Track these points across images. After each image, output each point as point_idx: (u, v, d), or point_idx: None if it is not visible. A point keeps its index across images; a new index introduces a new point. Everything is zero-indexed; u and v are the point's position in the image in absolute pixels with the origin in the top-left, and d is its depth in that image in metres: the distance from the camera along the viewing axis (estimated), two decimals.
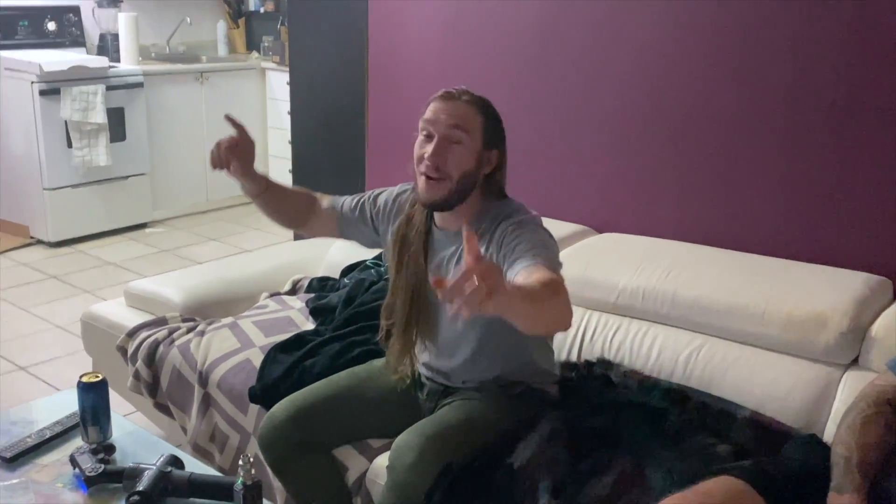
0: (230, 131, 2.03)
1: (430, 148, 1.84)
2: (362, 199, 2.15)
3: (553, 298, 1.53)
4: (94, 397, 1.96)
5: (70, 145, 5.09)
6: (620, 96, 2.74)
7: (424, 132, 1.88)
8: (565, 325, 1.59)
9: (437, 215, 1.98)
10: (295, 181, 4.48)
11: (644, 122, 2.70)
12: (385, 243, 2.09)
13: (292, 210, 2.17)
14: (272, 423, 2.01)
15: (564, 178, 2.94)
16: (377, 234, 2.12)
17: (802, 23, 2.33)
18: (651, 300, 2.30)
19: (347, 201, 2.17)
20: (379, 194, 2.15)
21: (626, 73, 2.71)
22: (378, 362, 2.16)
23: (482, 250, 1.88)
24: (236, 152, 2.03)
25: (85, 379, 1.96)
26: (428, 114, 1.87)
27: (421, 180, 1.88)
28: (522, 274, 1.66)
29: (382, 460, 2.04)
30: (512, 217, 1.87)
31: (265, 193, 2.11)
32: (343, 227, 2.16)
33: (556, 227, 2.68)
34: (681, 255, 2.44)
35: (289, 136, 4.59)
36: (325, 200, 2.19)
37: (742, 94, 2.48)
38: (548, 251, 1.78)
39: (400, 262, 2.00)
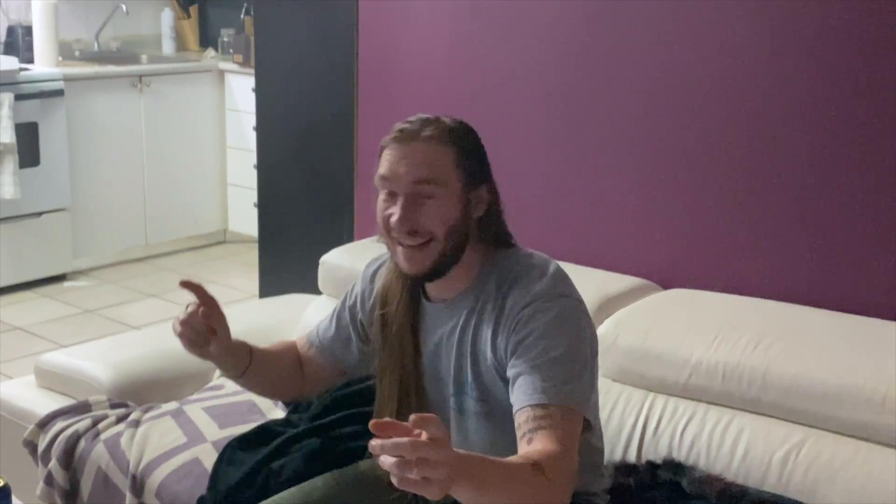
0: (179, 154, 2.06)
1: (396, 209, 1.86)
2: (335, 309, 2.20)
3: (527, 491, 1.61)
4: None
5: None
6: (692, 120, 2.77)
7: (385, 190, 1.89)
8: None
9: (427, 285, 1.99)
10: (262, 219, 4.51)
11: (723, 152, 2.72)
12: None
13: (283, 373, 2.21)
14: None
15: (620, 220, 2.95)
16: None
17: None
18: (734, 380, 2.28)
19: (322, 322, 2.22)
20: (352, 288, 2.19)
21: (699, 92, 2.74)
22: (369, 464, 2.15)
23: (487, 330, 1.88)
24: (211, 322, 2.07)
25: None
26: (383, 167, 1.88)
27: (398, 250, 1.90)
28: (518, 419, 1.75)
29: None
30: (524, 280, 1.87)
31: (251, 366, 2.13)
32: (334, 358, 2.18)
33: (610, 282, 2.76)
34: (772, 318, 2.44)
35: (254, 160, 4.63)
36: (301, 339, 2.24)
37: (850, 118, 2.50)
38: (566, 373, 1.77)
39: (384, 350, 2.01)
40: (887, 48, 2.43)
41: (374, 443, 1.40)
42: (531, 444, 1.73)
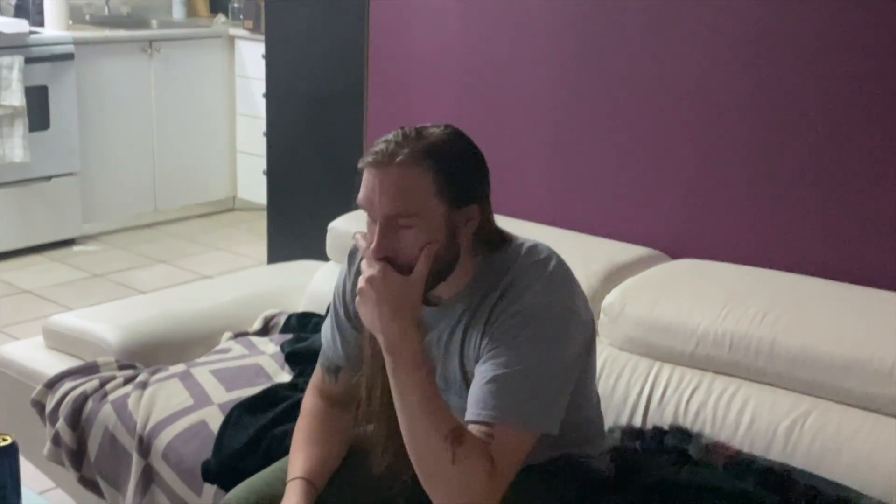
0: (188, 121, 2.03)
1: (374, 238, 1.81)
2: (332, 325, 2.10)
3: (434, 436, 1.72)
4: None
5: None
6: (702, 89, 2.75)
7: (365, 212, 1.85)
8: (421, 471, 1.76)
9: None
10: (271, 187, 4.50)
11: (734, 122, 2.71)
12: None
13: (341, 446, 2.10)
14: None
15: (629, 190, 2.95)
16: None
17: None
18: (741, 350, 2.28)
19: (327, 349, 2.11)
20: (336, 287, 2.11)
21: (712, 63, 2.73)
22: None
23: (477, 334, 1.87)
24: None
25: None
26: (361, 191, 1.82)
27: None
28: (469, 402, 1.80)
29: None
30: (517, 286, 1.85)
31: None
32: (360, 363, 2.05)
33: (618, 252, 2.75)
34: (781, 289, 2.43)
35: (264, 127, 4.61)
36: (318, 384, 2.13)
37: (859, 88, 2.49)
38: (526, 389, 1.78)
39: (374, 350, 1.89)
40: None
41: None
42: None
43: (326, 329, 2.11)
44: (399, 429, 1.81)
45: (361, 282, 1.79)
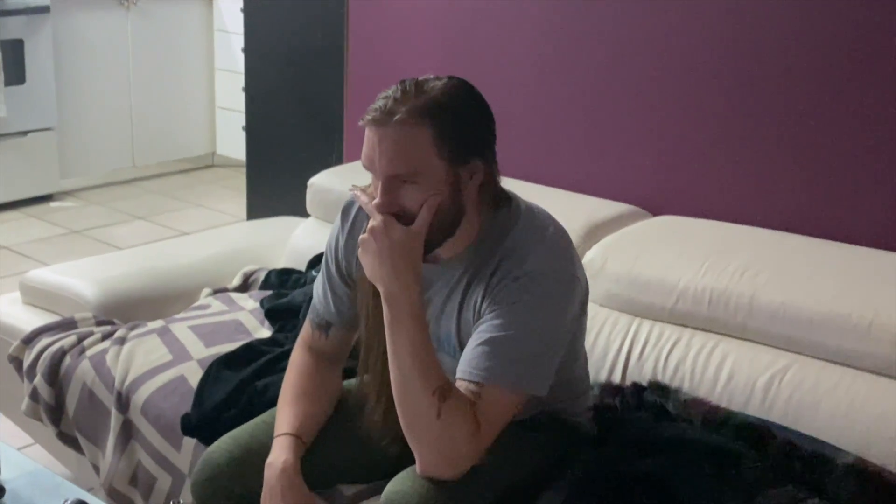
0: (166, 75, 2.00)
1: (378, 194, 1.81)
2: (324, 281, 2.08)
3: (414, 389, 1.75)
4: None
5: None
6: (682, 43, 2.74)
7: (367, 168, 1.84)
8: (406, 422, 1.80)
9: None
10: (250, 143, 4.48)
11: (714, 78, 2.70)
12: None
13: (331, 400, 2.10)
14: (209, 468, 2.00)
15: (610, 146, 2.94)
16: None
17: None
18: (721, 306, 2.29)
19: (318, 304, 2.10)
20: (329, 243, 2.09)
21: (690, 16, 2.71)
22: (353, 383, 2.15)
23: (478, 295, 1.87)
24: None
25: None
26: (364, 147, 1.82)
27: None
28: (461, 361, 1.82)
29: None
30: (520, 250, 1.85)
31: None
32: (353, 320, 2.06)
33: (599, 208, 2.75)
34: (761, 246, 2.44)
35: (243, 82, 4.58)
36: (308, 339, 2.11)
37: (840, 44, 2.48)
38: (519, 352, 1.79)
39: (377, 305, 1.87)
40: None
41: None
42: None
43: (318, 285, 2.11)
44: None
45: (364, 233, 1.80)
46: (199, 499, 2.02)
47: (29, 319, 2.81)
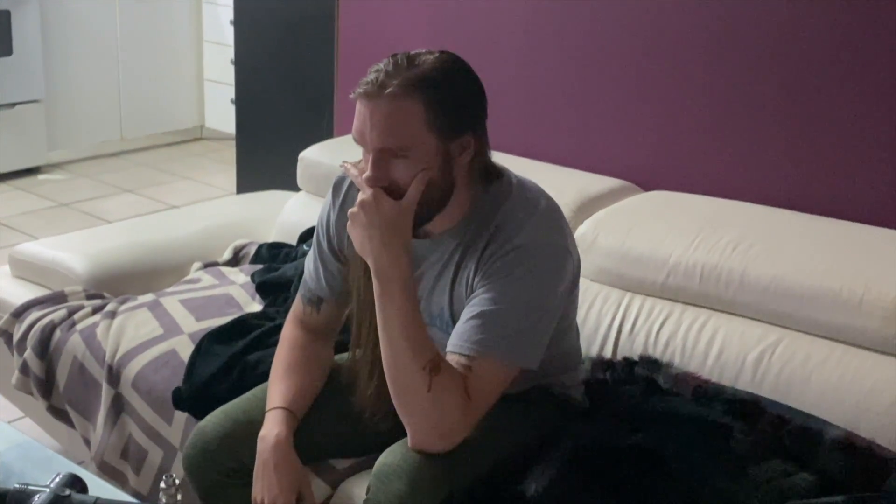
0: (154, 48, 1.99)
1: (368, 167, 1.80)
2: (315, 256, 2.08)
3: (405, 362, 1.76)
4: None
5: None
6: (675, 18, 2.73)
7: (357, 142, 1.84)
8: (397, 396, 1.80)
9: None
10: (239, 116, 4.46)
11: (706, 53, 2.70)
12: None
13: (322, 375, 2.11)
14: (201, 442, 2.01)
15: (602, 121, 2.93)
16: None
17: None
18: (712, 281, 2.30)
19: (308, 279, 2.10)
20: (320, 218, 2.09)
21: None
22: (345, 357, 2.16)
23: (470, 270, 1.87)
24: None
25: None
26: (355, 121, 1.81)
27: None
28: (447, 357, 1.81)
29: (352, 487, 2.05)
30: (511, 223, 1.85)
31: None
32: (345, 294, 2.05)
33: (591, 183, 2.75)
34: (753, 221, 2.44)
35: (232, 55, 4.56)
36: (299, 314, 2.12)
37: (833, 21, 2.48)
38: (511, 325, 1.80)
39: (369, 280, 1.86)
40: None
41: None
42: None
43: (309, 260, 2.11)
44: None
45: (354, 207, 1.80)
46: (191, 472, 2.03)
47: (18, 293, 2.81)
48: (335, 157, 2.96)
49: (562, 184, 2.65)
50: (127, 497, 1.95)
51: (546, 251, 1.86)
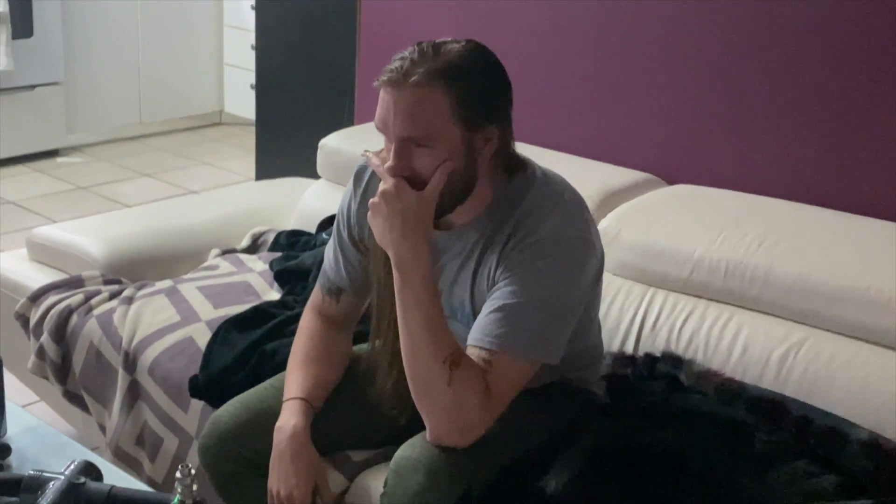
0: (174, 31, 1.97)
1: (390, 156, 1.79)
2: (335, 247, 2.07)
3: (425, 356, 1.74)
4: None
5: None
6: (700, 8, 2.71)
7: (380, 131, 1.82)
8: (416, 390, 1.79)
9: None
10: (260, 102, 4.45)
11: (733, 46, 2.67)
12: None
13: (340, 367, 2.10)
14: (216, 432, 2.01)
15: (626, 113, 2.91)
16: None
17: None
18: (736, 277, 2.27)
19: (328, 270, 2.09)
20: (340, 208, 2.08)
21: None
22: (364, 348, 2.15)
23: (492, 263, 1.85)
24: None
25: None
26: (378, 109, 1.79)
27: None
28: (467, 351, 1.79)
29: (368, 479, 2.04)
30: (534, 216, 1.83)
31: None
32: (366, 286, 2.04)
33: (614, 176, 2.73)
34: (778, 217, 2.42)
35: (252, 39, 4.55)
36: (318, 305, 2.11)
37: (860, 14, 2.45)
38: (532, 320, 1.78)
39: (389, 272, 1.84)
40: None
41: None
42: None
43: (329, 250, 2.10)
44: None
45: (375, 196, 1.79)
46: (207, 461, 2.02)
47: (36, 277, 2.81)
48: (356, 145, 2.95)
49: (584, 176, 2.62)
50: (142, 485, 1.96)
51: (570, 244, 1.84)
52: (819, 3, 2.52)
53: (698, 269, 2.33)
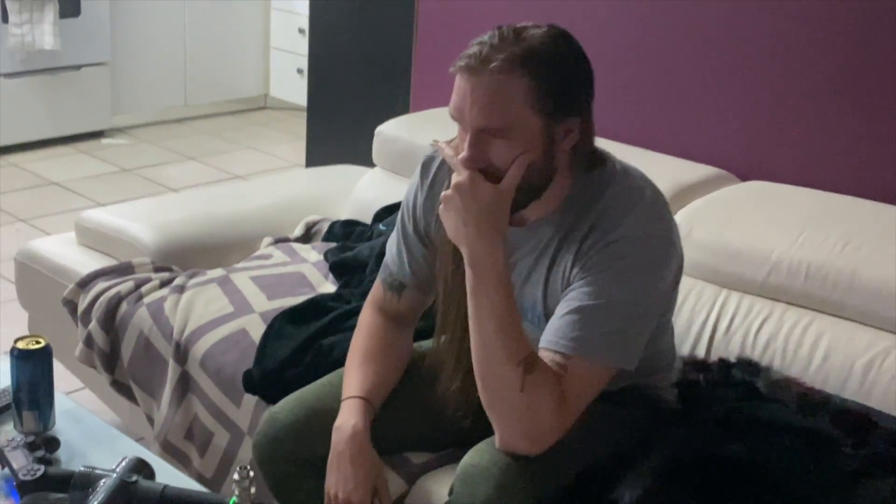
0: (221, 13, 1.91)
1: (465, 146, 1.71)
2: (398, 240, 2.00)
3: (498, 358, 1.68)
4: (32, 371, 1.93)
5: (5, 20, 5.07)
6: (779, 4, 2.65)
7: (455, 119, 1.74)
8: (486, 394, 1.72)
9: None
10: (311, 86, 4.41)
11: (812, 37, 2.62)
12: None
13: (402, 362, 2.04)
14: (273, 430, 1.96)
15: (698, 106, 2.87)
16: None
17: None
18: (818, 281, 2.21)
19: (391, 263, 2.02)
20: (406, 200, 2.01)
21: None
22: (426, 346, 2.09)
23: (567, 261, 1.78)
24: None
25: (21, 345, 1.93)
26: (453, 96, 1.72)
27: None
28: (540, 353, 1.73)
29: (430, 484, 1.99)
30: (613, 213, 1.76)
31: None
32: (429, 281, 1.97)
33: (685, 171, 2.68)
34: (863, 218, 2.36)
35: (299, 23, 4.52)
36: (379, 300, 2.04)
37: None
38: (609, 324, 1.71)
39: (458, 268, 1.79)
40: None
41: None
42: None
43: (391, 243, 2.04)
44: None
45: (449, 189, 1.72)
46: (262, 460, 1.98)
47: (84, 262, 2.79)
48: (413, 133, 2.90)
49: (654, 171, 2.50)
50: (194, 484, 1.93)
51: (650, 243, 1.77)
52: None
53: (776, 270, 2.26)
